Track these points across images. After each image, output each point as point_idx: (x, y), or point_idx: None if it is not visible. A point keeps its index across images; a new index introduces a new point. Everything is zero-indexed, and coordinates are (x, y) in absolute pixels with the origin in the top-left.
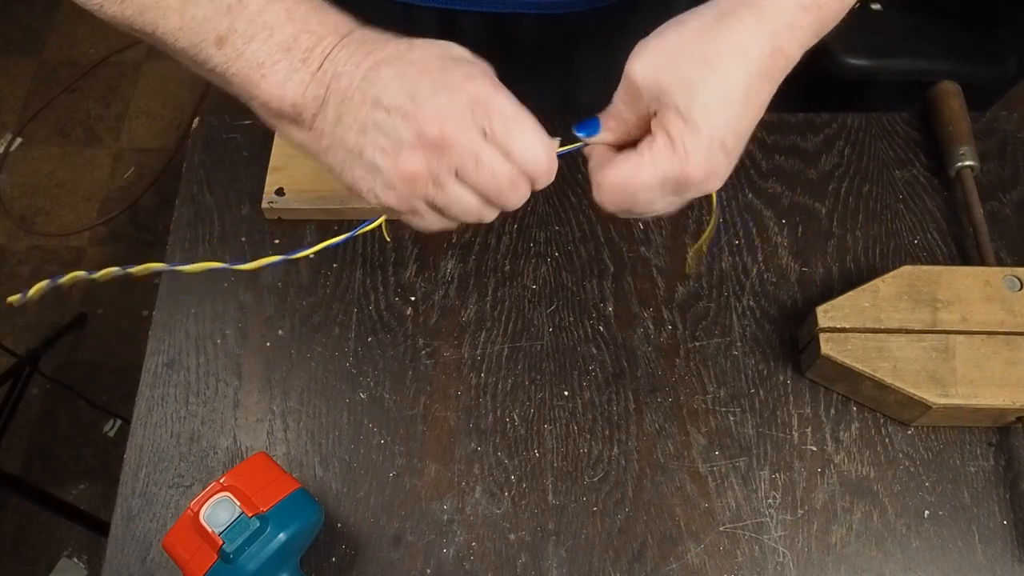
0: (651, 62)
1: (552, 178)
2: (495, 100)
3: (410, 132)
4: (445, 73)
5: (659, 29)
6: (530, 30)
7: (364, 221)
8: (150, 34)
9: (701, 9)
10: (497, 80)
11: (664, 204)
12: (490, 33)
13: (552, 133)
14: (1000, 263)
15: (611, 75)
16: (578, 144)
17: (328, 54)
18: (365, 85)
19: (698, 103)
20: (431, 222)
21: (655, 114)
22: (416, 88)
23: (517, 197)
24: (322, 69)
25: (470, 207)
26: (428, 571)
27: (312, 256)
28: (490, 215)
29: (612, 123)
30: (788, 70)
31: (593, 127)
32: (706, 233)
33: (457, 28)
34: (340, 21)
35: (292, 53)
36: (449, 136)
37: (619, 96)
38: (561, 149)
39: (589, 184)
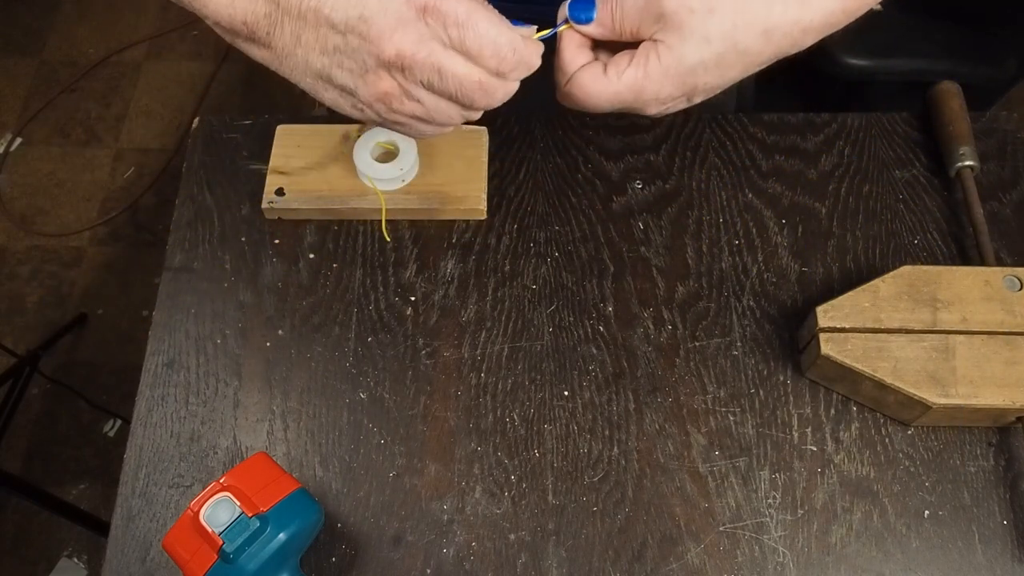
0: None
1: (533, 65)
2: (444, 4)
3: (369, 55)
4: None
5: None
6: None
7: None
8: None
9: None
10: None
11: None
12: None
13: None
14: (1000, 263)
15: None
16: (557, 27)
17: None
18: (315, 3)
19: (700, 59)
20: (423, 130)
21: (653, 40)
22: (364, 5)
23: (496, 96)
24: None
25: (452, 113)
26: (428, 571)
27: (312, 256)
28: (475, 114)
29: (607, 19)
30: (800, 44)
31: (588, 10)
32: None
33: None
34: None
35: None
36: (406, 55)
37: (633, 2)
38: (540, 35)
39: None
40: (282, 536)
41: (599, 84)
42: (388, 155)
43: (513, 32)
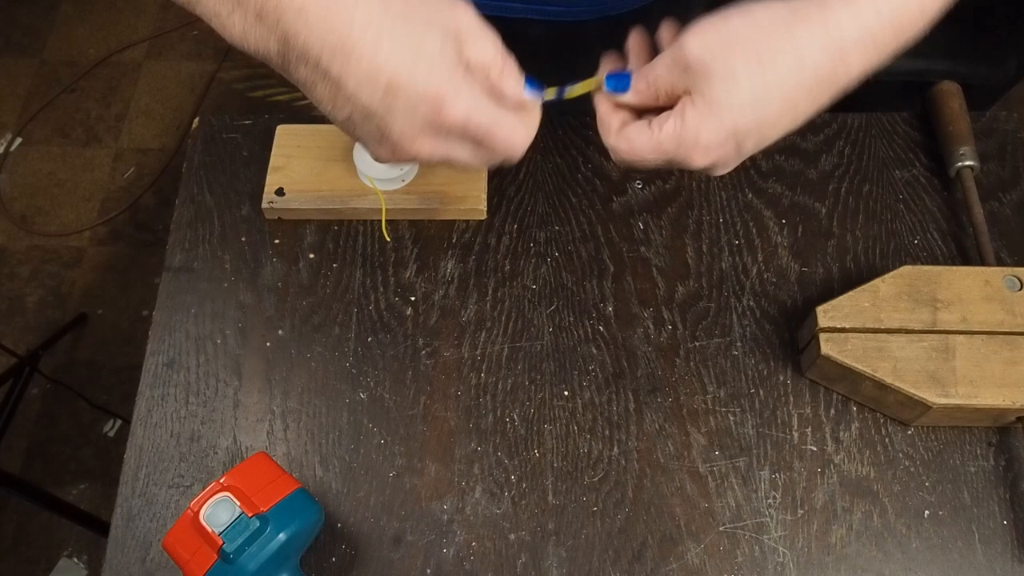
0: (708, 42)
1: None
2: (468, 121)
3: (385, 138)
4: (415, 85)
5: (724, 12)
6: (539, 36)
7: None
8: None
9: (773, 3)
10: (474, 44)
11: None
12: (499, 37)
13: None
14: (1000, 263)
15: None
16: (564, 89)
17: (280, 12)
18: (333, 66)
19: (732, 98)
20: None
21: (687, 93)
22: (385, 101)
23: (500, 158)
24: (280, 28)
25: (477, 158)
26: (428, 571)
27: (312, 256)
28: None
29: (642, 86)
30: (847, 86)
31: (624, 83)
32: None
33: None
34: None
35: (244, 6)
36: (423, 157)
37: (662, 63)
38: (553, 95)
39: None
40: (282, 536)
41: (643, 137)
42: None
43: (525, 116)
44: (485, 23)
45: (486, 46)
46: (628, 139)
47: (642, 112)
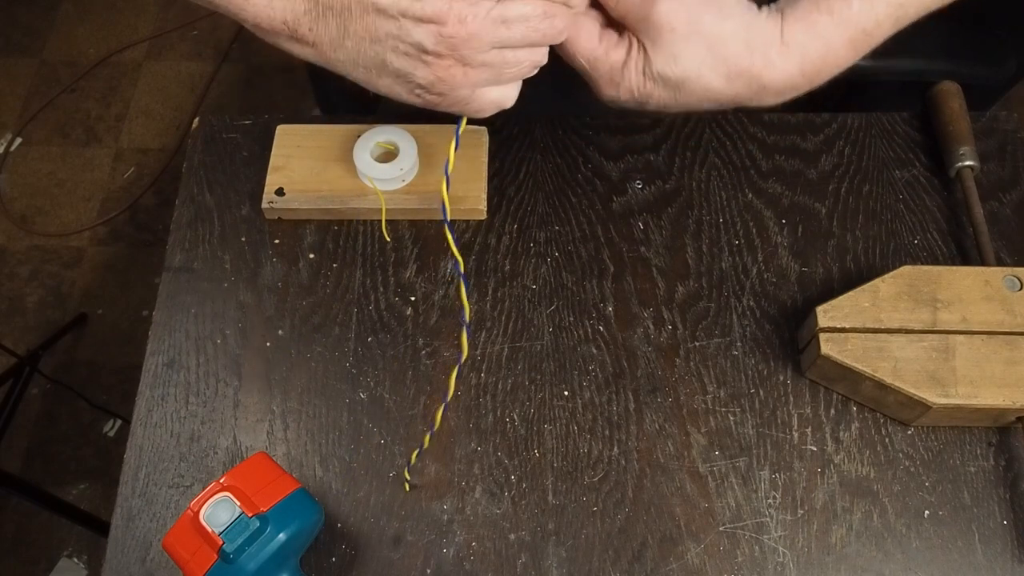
0: (680, 5)
1: None
2: None
3: (428, 35)
4: None
5: None
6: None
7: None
8: None
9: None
10: None
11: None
12: None
13: None
14: (1000, 263)
15: None
16: None
17: None
18: None
19: (661, 66)
20: (485, 102)
21: (634, 33)
22: None
23: (560, 23)
24: None
25: (520, 62)
26: (428, 571)
27: (312, 256)
28: (542, 57)
29: None
30: (760, 99)
31: None
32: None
33: None
34: None
35: None
36: (470, 24)
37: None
38: None
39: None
40: (282, 536)
41: (593, 40)
42: (388, 155)
43: None
44: None
45: None
46: (583, 29)
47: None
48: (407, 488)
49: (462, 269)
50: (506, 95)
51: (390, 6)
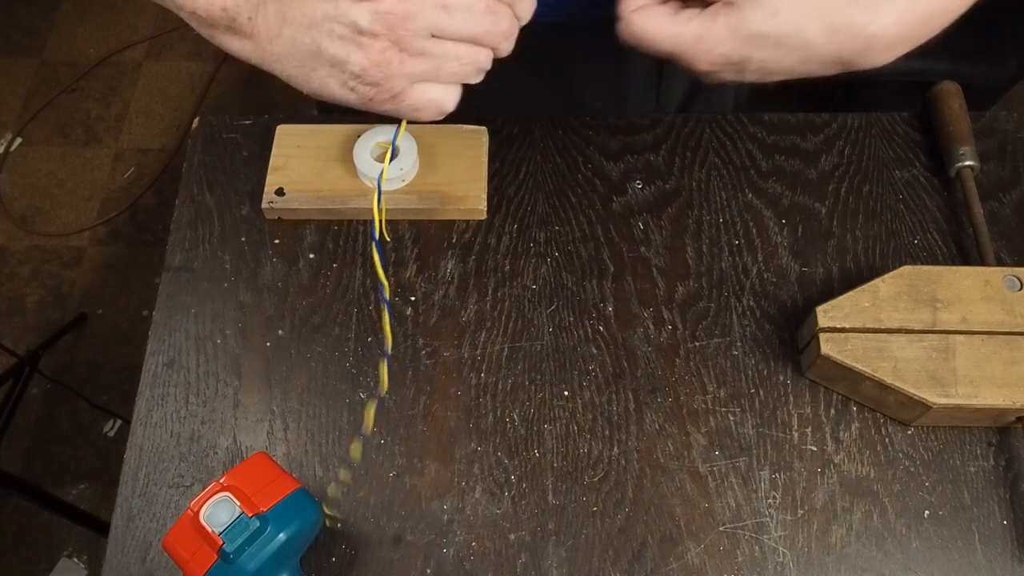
0: None
1: (532, 6)
2: None
3: (363, 13)
4: None
5: None
6: (536, 36)
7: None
8: None
9: None
10: None
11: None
12: None
13: None
14: (1000, 263)
15: (620, 81)
16: None
17: None
18: None
19: (763, 28)
20: (421, 99)
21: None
22: None
23: (505, 25)
24: None
25: (460, 58)
26: (428, 571)
27: (312, 256)
28: (485, 59)
29: None
30: (865, 55)
31: None
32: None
33: None
34: None
35: None
36: (408, 1)
37: None
38: None
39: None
40: (282, 536)
41: (665, 23)
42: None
43: None
44: None
45: None
46: (649, 19)
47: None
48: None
49: (387, 294)
50: (446, 97)
51: None
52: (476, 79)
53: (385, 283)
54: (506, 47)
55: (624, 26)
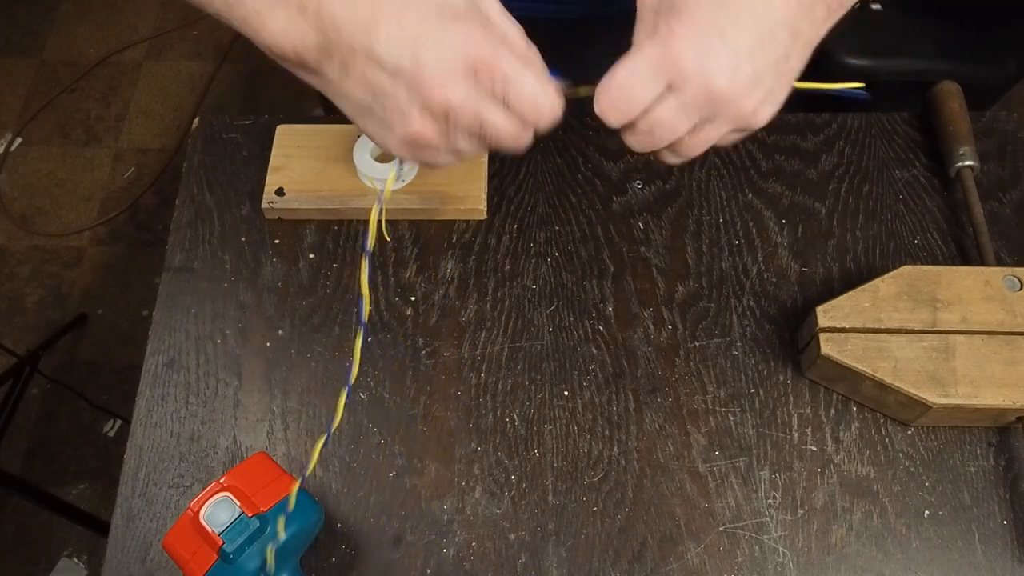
0: None
1: (556, 120)
2: (496, 61)
3: (415, 101)
4: (444, 32)
5: None
6: (538, 32)
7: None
8: None
9: None
10: (497, 25)
11: (678, 117)
12: None
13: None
14: (1000, 263)
15: None
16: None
17: (320, 2)
18: (364, 40)
19: (697, 11)
20: (446, 161)
21: (656, 22)
22: (415, 50)
23: (522, 143)
24: (320, 18)
25: (476, 150)
26: (428, 571)
27: (312, 256)
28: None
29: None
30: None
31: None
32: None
33: None
34: None
35: (287, 1)
36: (454, 105)
37: (638, 27)
38: (576, 91)
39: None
40: (282, 536)
41: (621, 67)
42: (388, 155)
43: (552, 88)
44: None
45: (510, 25)
46: (610, 78)
47: None
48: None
49: (365, 315)
50: (461, 161)
51: (390, 62)
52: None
53: (367, 299)
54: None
55: (609, 113)
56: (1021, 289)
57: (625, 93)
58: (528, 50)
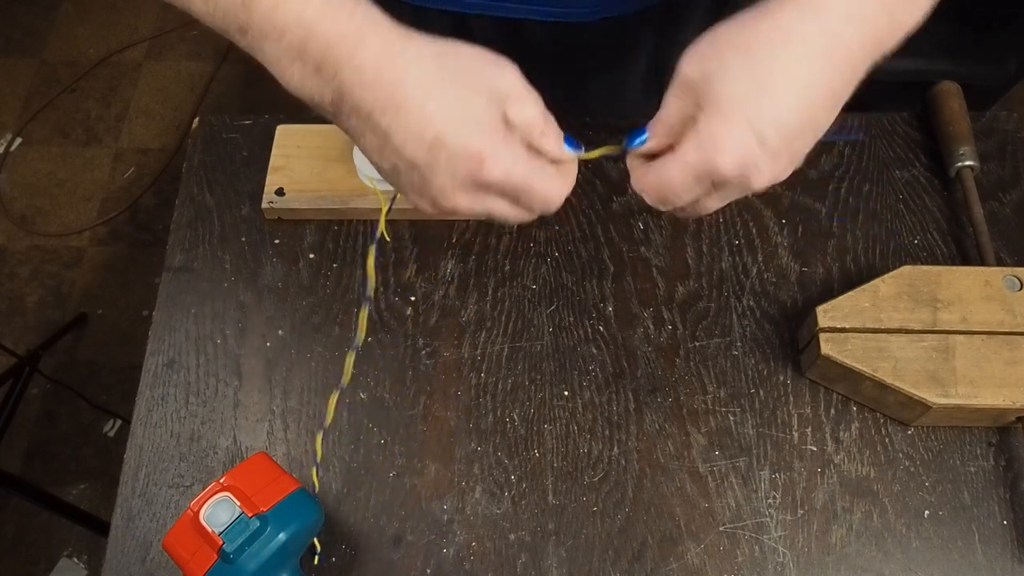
0: (698, 54)
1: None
2: (507, 179)
3: (426, 194)
4: (460, 141)
5: (713, 28)
6: (541, 37)
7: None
8: (188, 11)
9: (756, 5)
10: (516, 116)
11: (712, 200)
12: (501, 37)
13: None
14: (1000, 263)
15: (620, 83)
16: (615, 150)
17: (339, 67)
18: (385, 121)
19: (733, 89)
20: (467, 213)
21: (697, 111)
22: (431, 155)
23: (530, 218)
24: (336, 81)
25: (502, 212)
26: (428, 571)
27: (312, 256)
28: (523, 218)
29: (660, 128)
30: (857, 63)
31: (641, 133)
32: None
33: (468, 32)
34: (349, 27)
35: (304, 59)
36: (461, 209)
37: (669, 96)
38: (592, 155)
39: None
40: (282, 536)
41: (666, 163)
42: None
43: (563, 179)
44: (529, 87)
45: (528, 108)
46: (654, 172)
47: None
48: (316, 560)
49: (370, 291)
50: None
51: (405, 155)
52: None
53: (372, 279)
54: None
55: (649, 197)
56: (1021, 289)
57: (672, 194)
58: (544, 130)
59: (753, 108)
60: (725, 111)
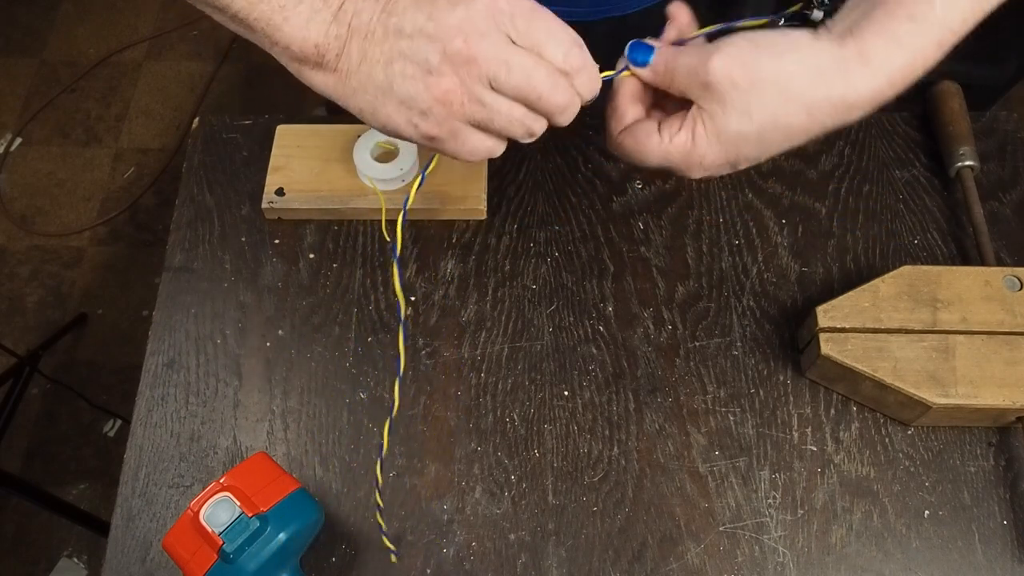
0: (732, 71)
1: (595, 83)
2: (515, 5)
3: (435, 51)
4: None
5: (755, 40)
6: None
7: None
8: None
9: (801, 45)
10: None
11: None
12: None
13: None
14: (1000, 263)
15: None
16: (618, 72)
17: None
18: (385, 17)
19: (741, 129)
20: (476, 143)
21: (700, 108)
22: (433, 8)
23: (560, 98)
24: (343, 8)
25: (513, 117)
26: (428, 571)
27: (312, 256)
28: (538, 126)
29: (661, 68)
30: (846, 119)
31: (645, 55)
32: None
33: None
34: None
35: None
36: (474, 46)
37: (685, 62)
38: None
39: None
40: (282, 536)
41: (652, 141)
42: (388, 155)
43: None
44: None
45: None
46: (636, 138)
47: (650, 110)
48: (393, 559)
49: (402, 314)
50: (495, 147)
51: (409, 25)
52: (526, 140)
53: (402, 301)
54: (562, 120)
55: (615, 146)
56: (1021, 289)
57: (640, 159)
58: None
59: (747, 151)
60: (725, 145)
